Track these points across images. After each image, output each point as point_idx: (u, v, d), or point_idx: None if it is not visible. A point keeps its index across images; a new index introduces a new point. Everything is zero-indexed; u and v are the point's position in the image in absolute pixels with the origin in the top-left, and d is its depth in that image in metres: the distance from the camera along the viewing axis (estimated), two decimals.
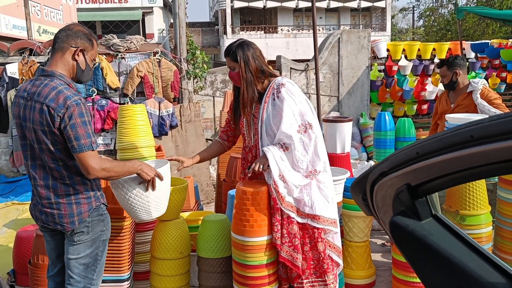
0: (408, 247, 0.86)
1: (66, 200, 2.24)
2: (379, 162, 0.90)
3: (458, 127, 0.71)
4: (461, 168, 0.72)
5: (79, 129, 2.11)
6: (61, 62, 2.23)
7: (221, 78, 7.33)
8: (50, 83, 2.16)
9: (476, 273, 0.76)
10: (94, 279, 2.37)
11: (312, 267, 2.66)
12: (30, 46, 6.30)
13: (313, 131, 2.60)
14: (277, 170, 2.56)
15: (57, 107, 2.10)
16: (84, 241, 2.29)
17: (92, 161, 2.13)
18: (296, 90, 2.66)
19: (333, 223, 2.68)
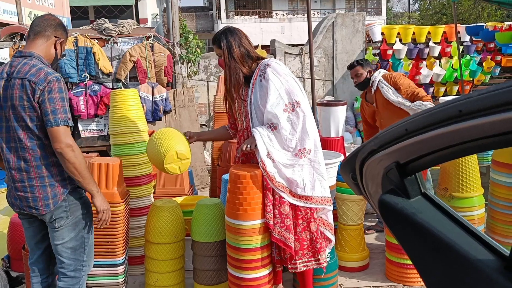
0: (397, 226, 0.85)
1: (40, 183, 2.22)
2: (368, 140, 0.89)
3: (446, 102, 0.70)
4: (450, 144, 0.71)
5: (57, 103, 2.15)
6: (43, 47, 2.31)
7: (215, 63, 7.28)
8: (29, 62, 2.21)
9: (465, 250, 0.76)
10: (85, 260, 2.39)
11: (305, 247, 2.68)
12: (21, 31, 6.21)
13: (301, 109, 2.59)
14: (264, 149, 2.58)
15: (38, 81, 2.14)
16: (65, 225, 2.29)
17: (64, 137, 2.14)
18: (282, 69, 2.66)
19: (327, 202, 2.70)
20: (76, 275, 2.37)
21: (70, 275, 2.35)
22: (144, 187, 3.54)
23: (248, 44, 2.74)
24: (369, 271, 3.49)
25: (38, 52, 2.28)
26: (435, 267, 0.81)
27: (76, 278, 2.38)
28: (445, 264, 0.78)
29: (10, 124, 2.20)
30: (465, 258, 0.75)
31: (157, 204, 3.13)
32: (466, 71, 8.10)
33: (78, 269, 2.37)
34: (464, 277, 0.76)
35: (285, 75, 2.64)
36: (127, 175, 3.40)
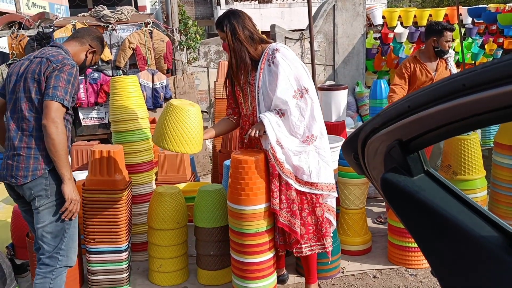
0: (399, 204, 0.85)
1: (26, 153, 2.29)
2: (370, 118, 0.88)
3: (449, 76, 0.68)
4: (453, 119, 0.70)
5: (61, 81, 2.26)
6: (74, 47, 2.53)
7: (215, 49, 7.22)
8: (56, 50, 2.42)
9: (468, 227, 0.75)
10: (62, 248, 2.36)
11: (310, 232, 2.69)
12: (19, 19, 6.17)
13: (309, 95, 2.58)
14: (274, 136, 2.56)
15: (55, 60, 2.31)
16: (45, 206, 2.30)
17: (54, 112, 2.22)
18: (290, 54, 2.63)
19: (333, 188, 2.70)
20: (51, 262, 2.34)
21: (45, 261, 2.33)
22: (146, 174, 3.54)
23: (252, 26, 2.70)
24: (371, 255, 3.50)
25: (69, 49, 2.49)
26: (438, 244, 0.80)
27: (50, 267, 2.34)
28: (448, 241, 0.78)
29: (17, 96, 2.34)
30: (468, 235, 0.75)
31: (159, 191, 3.14)
32: (468, 54, 8.03)
33: (53, 256, 2.33)
34: (468, 254, 0.75)
35: (294, 61, 2.61)
36: (128, 162, 3.40)
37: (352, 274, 3.23)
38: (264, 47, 2.70)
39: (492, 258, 0.73)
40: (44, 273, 2.34)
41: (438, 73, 3.83)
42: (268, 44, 2.70)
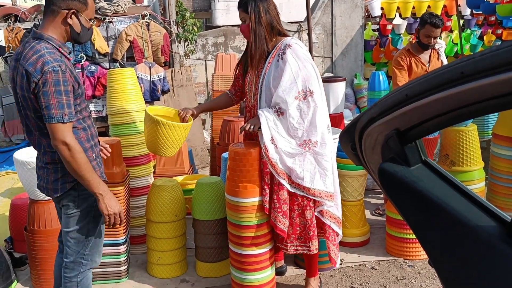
0: (397, 194, 0.84)
1: (52, 167, 2.17)
2: (368, 108, 0.87)
3: (447, 65, 0.68)
4: (452, 108, 0.69)
5: (51, 98, 1.98)
6: (52, 26, 2.10)
7: (213, 41, 7.19)
8: (36, 46, 2.04)
9: (466, 217, 0.75)
10: (86, 254, 2.29)
11: (298, 232, 2.65)
12: (15, 12, 6.12)
13: (313, 99, 2.48)
14: (268, 134, 2.50)
15: (34, 72, 1.98)
16: (71, 215, 2.22)
17: (60, 135, 2.00)
18: (302, 53, 2.52)
19: (328, 197, 2.60)
20: (75, 267, 2.30)
21: (70, 266, 2.30)
22: (143, 167, 3.53)
23: (275, 13, 2.60)
24: (369, 246, 3.51)
25: (48, 32, 2.09)
26: (435, 234, 0.80)
27: (75, 270, 2.30)
28: (446, 231, 0.77)
29: (22, 112, 2.15)
30: (466, 225, 0.74)
31: (157, 184, 3.13)
32: (466, 45, 8.01)
33: (78, 261, 2.28)
34: (465, 244, 0.75)
35: (305, 60, 2.51)
36: (126, 155, 3.39)
37: (350, 266, 3.24)
38: (279, 39, 2.60)
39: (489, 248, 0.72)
40: (70, 277, 2.30)
41: (431, 64, 3.83)
42: (283, 38, 2.60)
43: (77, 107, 2.14)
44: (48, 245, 2.95)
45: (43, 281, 3.03)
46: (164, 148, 2.76)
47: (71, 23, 2.10)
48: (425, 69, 3.82)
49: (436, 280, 3.05)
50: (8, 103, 5.93)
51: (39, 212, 2.95)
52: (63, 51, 2.12)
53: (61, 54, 2.09)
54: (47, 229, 2.95)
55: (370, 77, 5.28)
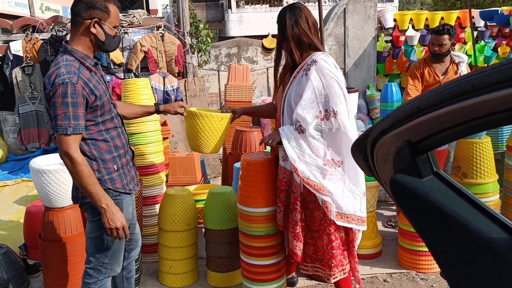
0: (409, 205, 0.85)
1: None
2: (380, 120, 0.88)
3: (458, 78, 0.69)
4: (462, 120, 0.70)
5: (58, 109, 2.02)
6: (77, 37, 2.14)
7: (226, 52, 7.25)
8: (58, 59, 2.11)
9: (479, 229, 0.75)
10: (106, 263, 2.31)
11: (319, 254, 2.56)
12: (33, 23, 6.26)
13: (337, 120, 2.33)
14: (294, 154, 2.39)
15: (48, 83, 2.05)
16: (93, 220, 2.27)
17: (63, 146, 2.04)
18: (329, 70, 2.37)
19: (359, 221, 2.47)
20: (94, 274, 2.32)
21: (89, 272, 2.33)
22: (156, 176, 3.56)
23: (307, 27, 2.46)
24: (382, 258, 3.48)
25: (73, 44, 2.14)
26: (448, 246, 0.80)
27: (93, 277, 2.32)
28: (458, 243, 0.78)
29: None
30: (478, 237, 0.74)
31: (169, 193, 3.16)
32: (480, 57, 7.97)
33: (97, 268, 2.31)
34: (478, 256, 0.75)
35: (330, 78, 2.35)
36: (139, 164, 3.42)
37: (362, 278, 3.21)
38: (309, 54, 2.47)
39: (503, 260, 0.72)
40: (89, 283, 2.34)
41: (447, 76, 3.83)
42: (313, 52, 2.46)
43: (98, 119, 2.16)
44: (61, 253, 2.99)
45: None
46: (203, 142, 2.68)
47: (94, 32, 2.13)
48: (438, 80, 3.84)
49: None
50: (25, 112, 6.04)
51: (53, 220, 2.99)
52: (86, 63, 2.14)
53: (79, 66, 2.10)
54: (61, 236, 2.99)
55: (383, 88, 5.28)
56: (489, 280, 0.74)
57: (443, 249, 0.81)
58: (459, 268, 0.79)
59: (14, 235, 4.08)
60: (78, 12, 2.11)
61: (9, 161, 6.16)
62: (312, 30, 2.48)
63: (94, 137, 2.16)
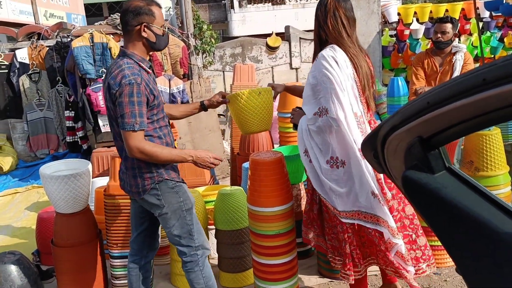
0: (421, 202, 0.84)
1: (131, 173, 2.35)
2: (390, 116, 0.87)
3: (469, 71, 0.68)
4: (474, 115, 0.69)
5: (125, 108, 2.18)
6: (132, 43, 2.32)
7: (230, 52, 7.26)
8: (119, 62, 2.27)
9: (493, 224, 0.74)
10: (196, 245, 2.44)
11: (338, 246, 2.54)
12: (38, 30, 6.30)
13: (327, 117, 2.30)
14: (302, 146, 2.46)
15: (114, 84, 2.20)
16: (163, 214, 2.37)
17: (132, 142, 2.19)
18: (324, 66, 2.31)
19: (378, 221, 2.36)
20: (193, 259, 2.43)
21: (187, 259, 2.44)
22: None
23: (331, 22, 2.39)
24: None
25: (129, 49, 2.31)
26: (462, 241, 0.79)
27: (194, 262, 2.44)
28: (473, 238, 0.77)
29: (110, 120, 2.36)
30: (493, 231, 0.74)
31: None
32: (486, 48, 7.90)
33: (192, 254, 2.43)
34: (492, 251, 0.74)
35: (323, 75, 2.30)
36: None
37: (374, 274, 3.20)
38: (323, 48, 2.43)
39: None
40: (192, 267, 2.44)
41: (443, 67, 3.90)
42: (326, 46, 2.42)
43: (154, 117, 2.34)
44: (74, 258, 3.00)
45: None
46: (249, 121, 2.65)
47: (145, 36, 2.30)
48: (436, 70, 3.93)
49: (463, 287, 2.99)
50: (33, 119, 6.08)
51: (65, 225, 3.01)
52: (143, 65, 2.31)
53: (139, 68, 2.27)
54: (73, 241, 3.00)
55: (389, 83, 5.24)
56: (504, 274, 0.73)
57: (458, 244, 0.81)
58: (475, 264, 0.78)
59: (27, 242, 4.11)
60: (128, 21, 2.28)
61: (19, 168, 6.21)
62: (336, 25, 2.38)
63: (150, 134, 2.32)
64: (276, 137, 4.55)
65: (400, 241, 2.37)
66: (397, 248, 2.39)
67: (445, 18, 3.89)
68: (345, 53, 2.37)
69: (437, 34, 3.87)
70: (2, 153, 6.15)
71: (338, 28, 2.39)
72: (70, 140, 5.94)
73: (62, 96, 5.99)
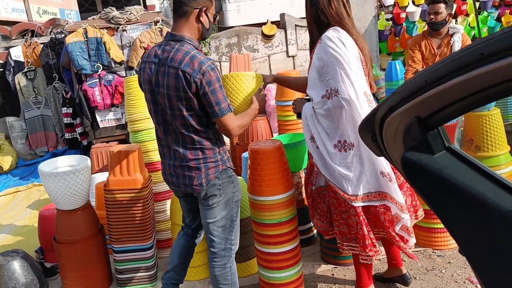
0: (422, 183, 0.82)
1: (195, 164, 2.25)
2: (387, 97, 0.85)
3: (466, 47, 0.66)
4: (473, 91, 0.67)
5: (218, 94, 2.13)
6: (187, 26, 2.21)
7: (226, 42, 7.20)
8: (181, 48, 2.15)
9: (495, 202, 0.73)
10: (233, 239, 2.41)
11: (353, 233, 2.50)
12: (31, 27, 6.26)
13: (338, 98, 2.25)
14: (308, 132, 2.45)
15: (192, 72, 2.09)
16: (218, 203, 2.31)
17: (232, 123, 2.20)
18: (330, 47, 2.27)
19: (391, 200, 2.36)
20: (226, 254, 2.40)
21: (221, 254, 2.39)
22: None
23: (327, 4, 2.37)
24: None
25: (186, 33, 2.20)
26: (464, 221, 0.78)
27: (226, 257, 2.40)
28: (475, 217, 0.76)
29: (165, 110, 2.21)
30: (495, 210, 0.72)
31: None
32: (484, 28, 7.84)
33: (227, 247, 2.40)
34: (495, 229, 0.73)
35: (331, 56, 2.26)
36: (147, 160, 3.42)
37: (378, 259, 3.20)
38: (324, 31, 2.37)
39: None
40: (223, 264, 2.40)
41: (441, 49, 3.85)
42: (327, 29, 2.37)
43: None
44: (77, 254, 3.01)
45: None
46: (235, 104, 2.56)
47: (203, 21, 2.23)
48: (434, 53, 3.89)
49: (467, 269, 2.99)
50: (31, 117, 6.06)
51: (66, 222, 3.01)
52: (201, 51, 2.23)
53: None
54: (75, 238, 3.00)
55: (387, 67, 5.21)
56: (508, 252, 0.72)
57: (460, 224, 0.79)
58: (478, 243, 0.77)
59: (29, 240, 4.12)
60: (187, 1, 2.18)
61: (19, 167, 6.21)
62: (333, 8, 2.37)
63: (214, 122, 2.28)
64: (274, 126, 4.53)
65: (407, 216, 2.39)
66: (403, 222, 2.41)
67: None
68: (348, 34, 2.35)
69: (431, 15, 3.83)
70: (2, 153, 6.13)
71: (340, 9, 2.38)
72: (69, 136, 5.93)
73: (59, 93, 5.96)
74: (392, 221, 2.44)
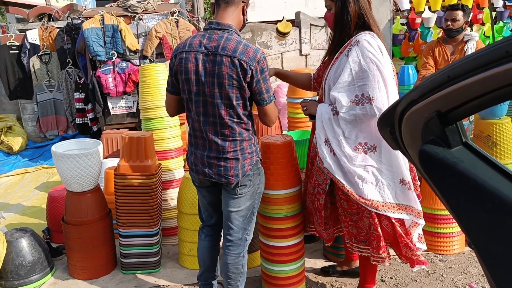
0: (437, 176, 0.85)
1: (233, 155, 2.25)
2: (408, 92, 0.88)
3: (491, 45, 0.68)
4: (494, 88, 0.70)
5: (268, 82, 2.22)
6: (234, 17, 2.24)
7: None
8: (231, 37, 2.16)
9: (510, 198, 0.75)
10: (249, 229, 2.45)
11: (363, 235, 2.49)
12: (48, 11, 6.31)
13: (372, 106, 2.19)
14: (323, 135, 2.38)
15: (249, 60, 2.11)
16: (245, 194, 2.34)
17: (275, 111, 2.31)
18: (370, 52, 2.21)
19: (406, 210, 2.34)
20: (242, 243, 2.43)
21: (237, 243, 2.42)
22: (174, 160, 3.60)
23: (366, 4, 2.32)
24: None
25: (232, 23, 2.23)
26: (478, 216, 0.80)
27: (242, 247, 2.43)
28: (490, 213, 0.78)
29: (211, 100, 2.18)
30: (509, 205, 0.75)
31: (188, 176, 3.19)
32: (499, 38, 7.81)
33: (244, 237, 2.43)
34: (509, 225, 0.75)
35: (370, 61, 2.20)
36: (158, 148, 3.46)
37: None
38: (357, 33, 2.32)
39: None
40: (237, 253, 2.43)
41: (455, 56, 3.87)
42: (361, 32, 2.31)
43: None
44: (84, 235, 3.05)
45: (80, 270, 3.13)
46: None
47: (245, 14, 2.31)
48: (447, 59, 3.91)
49: (468, 274, 3.01)
50: (43, 100, 6.12)
51: (75, 203, 3.06)
52: None
53: None
54: (83, 219, 3.05)
55: (399, 71, 5.21)
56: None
57: (474, 220, 0.82)
58: (490, 239, 0.79)
59: (36, 220, 4.18)
60: None
61: (28, 148, 6.28)
62: (368, 9, 2.33)
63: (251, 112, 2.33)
64: (284, 123, 4.56)
65: (422, 221, 2.40)
66: (420, 228, 2.46)
67: (456, 5, 3.84)
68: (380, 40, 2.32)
69: (448, 22, 3.83)
70: (12, 133, 6.20)
71: (371, 13, 2.36)
72: (79, 121, 5.99)
73: (72, 78, 6.02)
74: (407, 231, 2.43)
